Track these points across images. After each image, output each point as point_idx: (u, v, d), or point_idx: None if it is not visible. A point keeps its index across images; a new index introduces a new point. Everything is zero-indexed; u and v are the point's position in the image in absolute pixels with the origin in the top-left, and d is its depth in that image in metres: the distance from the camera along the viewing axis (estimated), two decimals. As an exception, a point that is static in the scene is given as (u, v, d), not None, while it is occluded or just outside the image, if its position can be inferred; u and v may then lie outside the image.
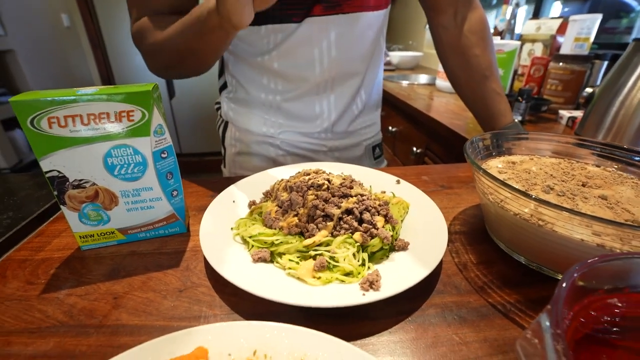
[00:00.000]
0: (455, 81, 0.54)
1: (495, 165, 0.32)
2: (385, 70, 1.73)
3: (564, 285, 0.15)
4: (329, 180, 0.28)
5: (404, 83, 1.30)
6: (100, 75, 2.24)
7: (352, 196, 0.27)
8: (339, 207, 0.25)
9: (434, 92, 1.10)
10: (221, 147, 0.55)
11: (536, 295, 0.24)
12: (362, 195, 0.27)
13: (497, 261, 0.28)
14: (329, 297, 0.21)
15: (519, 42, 0.85)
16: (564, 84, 0.80)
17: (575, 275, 0.16)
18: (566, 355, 0.12)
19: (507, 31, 1.33)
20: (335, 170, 0.38)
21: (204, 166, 2.40)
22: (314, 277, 0.22)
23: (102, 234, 0.29)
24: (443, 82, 1.11)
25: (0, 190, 0.39)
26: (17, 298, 0.24)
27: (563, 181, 0.28)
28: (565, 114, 0.73)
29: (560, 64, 0.80)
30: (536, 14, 1.38)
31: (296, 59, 0.44)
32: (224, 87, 0.52)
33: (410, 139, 0.95)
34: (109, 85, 0.26)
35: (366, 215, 0.26)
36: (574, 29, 0.78)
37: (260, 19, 0.41)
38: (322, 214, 0.26)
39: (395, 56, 1.84)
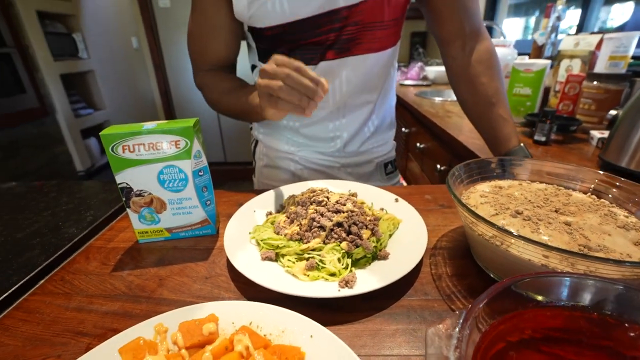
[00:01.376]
0: (464, 106, 0.57)
1: (482, 189, 0.36)
2: (421, 85, 1.74)
3: (478, 302, 0.19)
4: (327, 198, 0.34)
5: (437, 100, 1.32)
6: (159, 92, 2.51)
7: (343, 212, 0.32)
8: (331, 220, 0.31)
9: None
10: (252, 160, 0.64)
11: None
12: (352, 211, 0.33)
13: (471, 275, 0.31)
14: (312, 290, 0.27)
15: (548, 61, 0.84)
16: (597, 104, 0.78)
17: (485, 299, 0.20)
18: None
19: (547, 46, 1.29)
20: (345, 188, 0.44)
21: (247, 174, 2.58)
22: (305, 275, 0.28)
23: (154, 232, 0.38)
24: (475, 100, 1.12)
25: (84, 194, 0.51)
26: (96, 273, 0.33)
27: (538, 207, 0.31)
28: (596, 134, 0.71)
29: (595, 82, 0.78)
30: (580, 29, 1.33)
31: None
32: None
33: (436, 156, 0.97)
34: (164, 121, 0.35)
35: (354, 228, 0.31)
36: (609, 47, 0.76)
37: None
38: (318, 225, 0.32)
39: (432, 71, 1.85)
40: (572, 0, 1.68)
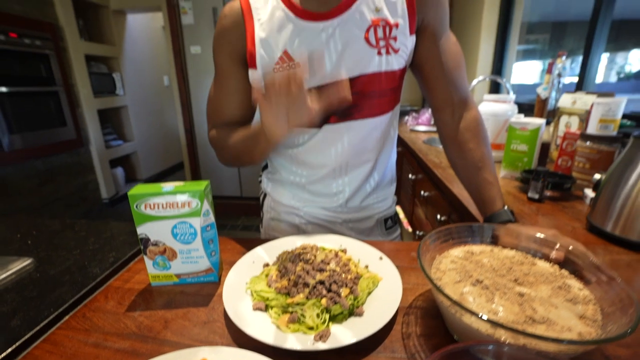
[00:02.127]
0: (455, 169, 0.62)
1: (455, 253, 0.40)
2: (431, 132, 1.80)
3: None
4: (315, 256, 0.39)
5: (441, 148, 1.37)
6: (184, 129, 2.69)
7: (326, 271, 0.37)
8: (314, 278, 0.36)
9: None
10: (260, 212, 0.70)
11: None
12: (334, 271, 0.37)
13: (438, 336, 0.35)
14: (290, 342, 0.31)
15: (542, 121, 0.89)
16: (591, 163, 0.81)
17: None
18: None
19: (550, 99, 1.35)
20: (337, 243, 0.49)
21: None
22: (287, 327, 0.33)
23: (165, 276, 0.44)
24: (478, 150, 1.16)
25: (109, 235, 0.57)
26: (112, 312, 0.39)
27: (500, 275, 0.35)
28: (589, 193, 0.74)
29: (588, 142, 0.82)
30: (581, 79, 1.39)
31: (317, 153, 0.57)
32: (265, 167, 0.68)
33: (437, 206, 1.01)
34: (180, 183, 0.41)
35: (334, 286, 0.36)
36: (599, 111, 0.80)
37: None
38: (303, 281, 0.36)
39: (441, 118, 1.92)
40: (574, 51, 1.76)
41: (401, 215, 1.49)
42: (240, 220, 2.71)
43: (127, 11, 3.31)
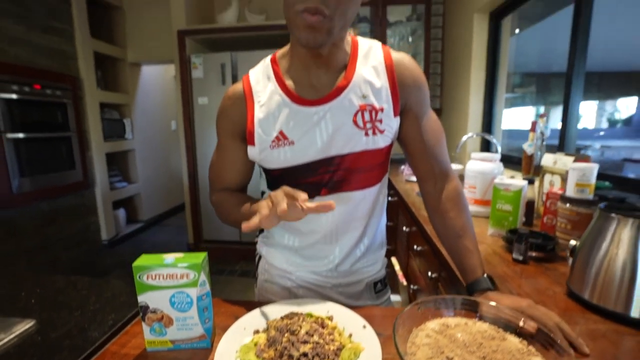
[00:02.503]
0: (438, 235, 0.66)
1: (431, 326, 0.43)
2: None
3: None
4: (300, 327, 0.42)
5: (435, 200, 1.42)
6: (188, 172, 2.78)
7: (309, 343, 0.40)
8: (299, 351, 0.39)
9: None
10: (255, 273, 0.73)
11: None
12: (317, 343, 0.40)
13: (415, 411, 0.36)
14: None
15: (524, 182, 0.95)
16: (572, 224, 0.85)
17: None
18: None
19: (535, 156, 1.42)
20: (325, 309, 0.51)
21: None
22: (271, 401, 0.35)
23: (160, 342, 0.46)
24: (470, 206, 1.20)
25: (110, 295, 0.60)
26: (107, 383, 0.41)
27: (471, 352, 0.38)
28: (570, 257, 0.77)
29: (567, 204, 0.87)
30: (563, 131, 1.47)
31: (308, 222, 0.62)
32: (261, 231, 0.72)
33: (428, 261, 1.03)
34: (180, 254, 0.46)
35: (316, 358, 0.38)
36: (574, 175, 0.86)
37: None
38: (288, 353, 0.39)
39: (435, 168, 1.99)
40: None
41: (397, 267, 1.50)
42: (238, 265, 2.69)
43: (143, 63, 3.58)
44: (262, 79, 0.62)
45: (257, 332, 0.47)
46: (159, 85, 4.04)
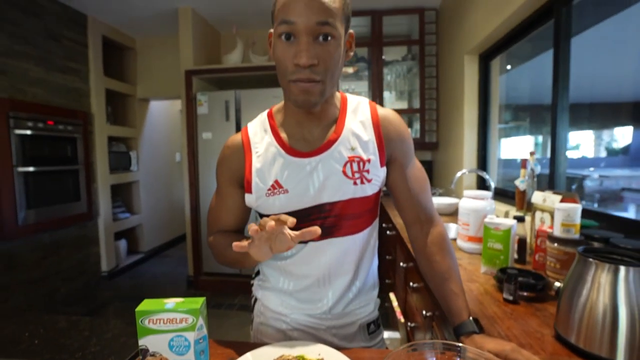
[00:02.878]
0: (425, 278, 0.69)
1: (415, 370, 0.45)
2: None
3: None
4: (291, 371, 0.44)
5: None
6: (190, 206, 2.82)
7: (299, 387, 0.42)
8: (288, 395, 0.41)
9: (454, 252, 1.21)
10: (251, 315, 0.75)
11: None
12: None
13: None
14: None
15: (513, 221, 0.98)
16: (561, 263, 0.88)
17: None
18: None
19: (528, 192, 1.46)
20: (316, 352, 0.54)
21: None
22: None
23: (157, 386, 0.48)
24: (463, 243, 1.23)
25: (110, 335, 0.63)
26: None
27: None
28: (560, 297, 0.78)
29: (555, 244, 0.90)
30: (552, 175, 1.52)
31: (302, 266, 0.65)
32: (257, 274, 0.76)
33: (424, 299, 1.04)
34: (180, 299, 0.49)
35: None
36: (560, 215, 0.89)
37: None
38: (278, 398, 0.41)
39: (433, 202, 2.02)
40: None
41: (395, 303, 1.49)
42: (237, 299, 2.66)
43: (151, 98, 3.74)
44: (259, 132, 0.68)
45: (250, 375, 0.49)
46: (165, 118, 4.20)
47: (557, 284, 0.70)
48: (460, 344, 0.48)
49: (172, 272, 3.38)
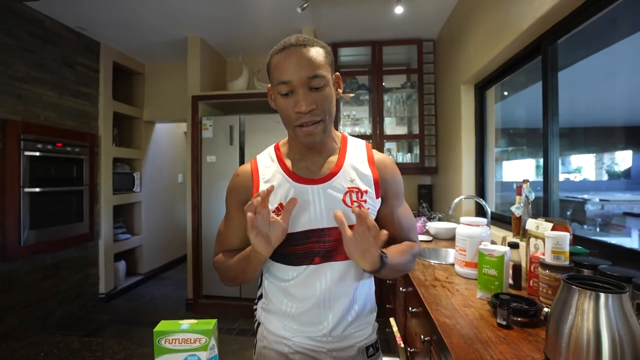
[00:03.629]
0: None
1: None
2: (423, 241, 1.92)
3: None
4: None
5: (432, 262, 1.47)
6: (192, 228, 2.85)
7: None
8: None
9: (451, 277, 1.25)
10: (255, 339, 0.79)
11: None
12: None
13: None
14: None
15: (507, 248, 1.02)
16: (552, 289, 0.91)
17: None
18: None
19: (524, 217, 1.50)
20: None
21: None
22: None
23: (169, 404, 0.51)
24: (460, 268, 1.26)
25: (123, 356, 0.66)
26: None
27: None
28: (552, 322, 0.81)
29: (546, 271, 0.94)
30: (545, 200, 1.57)
31: (304, 288, 0.69)
32: (260, 297, 0.79)
33: (422, 324, 1.06)
34: (194, 321, 0.53)
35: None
36: (550, 243, 0.94)
37: (286, 261, 0.70)
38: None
39: (432, 227, 2.06)
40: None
41: (395, 328, 1.50)
42: (237, 323, 2.63)
43: (157, 121, 3.86)
44: (267, 161, 0.76)
45: (256, 395, 0.52)
46: (169, 140, 4.30)
47: (546, 309, 0.73)
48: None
49: (171, 295, 3.35)
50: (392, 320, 1.61)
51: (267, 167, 0.75)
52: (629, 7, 1.14)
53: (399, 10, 2.19)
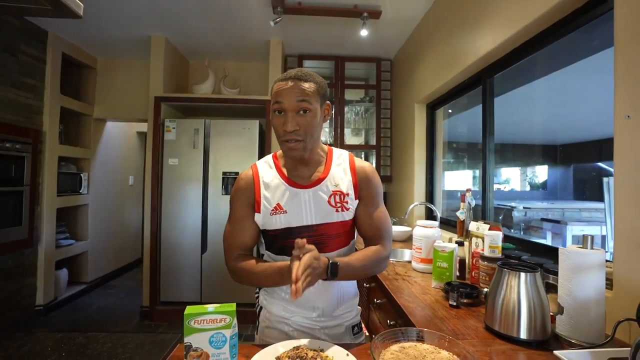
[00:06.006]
0: None
1: (394, 348, 0.63)
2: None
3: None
4: (306, 354, 0.60)
5: (392, 260, 1.66)
6: (151, 231, 2.76)
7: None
8: (309, 369, 0.56)
9: (409, 272, 1.44)
10: (257, 321, 0.88)
11: None
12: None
13: (387, 406, 0.55)
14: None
15: (455, 245, 1.24)
16: (489, 276, 1.14)
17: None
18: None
19: (467, 221, 1.77)
20: (317, 345, 0.69)
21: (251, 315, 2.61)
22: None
23: (195, 376, 0.59)
24: (417, 264, 1.47)
25: (134, 345, 0.71)
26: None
27: (416, 358, 0.58)
28: (489, 302, 1.03)
29: (485, 262, 1.17)
30: (484, 190, 1.86)
31: None
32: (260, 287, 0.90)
33: (387, 312, 1.23)
34: (218, 305, 0.62)
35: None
36: (488, 240, 1.17)
37: (283, 252, 0.82)
38: (301, 372, 0.56)
39: (388, 229, 2.28)
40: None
41: (359, 319, 1.66)
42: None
43: (109, 119, 3.64)
44: (266, 167, 0.87)
45: (269, 364, 0.63)
46: (121, 140, 4.06)
47: (485, 289, 0.93)
48: (418, 329, 0.67)
49: (120, 304, 3.15)
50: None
51: (267, 172, 0.87)
52: (544, 54, 1.46)
53: (364, 32, 2.41)
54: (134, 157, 4.39)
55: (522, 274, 0.80)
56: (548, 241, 2.46)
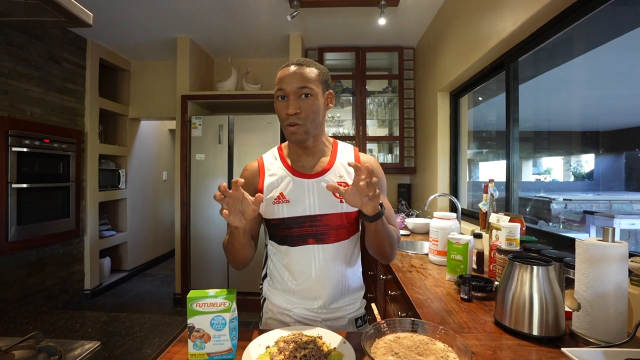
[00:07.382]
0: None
1: (388, 338, 0.63)
2: (401, 235, 2.09)
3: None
4: (301, 339, 0.62)
5: (409, 252, 1.64)
6: (181, 224, 2.92)
7: (307, 349, 0.59)
8: (300, 353, 0.58)
9: (425, 264, 1.42)
10: (261, 312, 0.92)
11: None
12: (312, 349, 0.60)
13: (377, 392, 0.56)
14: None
15: (470, 237, 1.20)
16: (506, 271, 1.09)
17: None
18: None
19: (489, 213, 1.70)
20: (316, 332, 0.71)
21: (255, 304, 2.72)
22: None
23: (200, 355, 0.64)
24: (433, 256, 1.44)
25: (150, 325, 0.78)
26: (167, 380, 0.58)
27: (410, 350, 0.58)
28: (503, 296, 0.99)
29: (502, 255, 1.12)
30: (507, 205, 1.77)
31: (301, 265, 0.83)
32: (265, 276, 0.93)
33: (400, 304, 1.23)
34: (218, 289, 0.66)
35: (312, 359, 0.58)
36: (504, 232, 1.12)
37: (285, 242, 0.84)
38: (293, 355, 0.58)
39: (410, 223, 2.25)
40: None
41: (376, 312, 1.67)
42: (241, 317, 2.70)
43: (142, 119, 3.87)
44: (271, 159, 0.90)
45: (268, 347, 0.66)
46: (154, 137, 4.30)
47: (496, 282, 0.90)
48: (414, 320, 0.67)
49: (156, 291, 3.39)
50: (373, 305, 1.78)
51: (272, 163, 0.89)
52: (580, 30, 1.34)
53: (382, 21, 2.36)
54: (167, 153, 4.64)
55: (535, 268, 0.77)
56: (592, 236, 2.28)
